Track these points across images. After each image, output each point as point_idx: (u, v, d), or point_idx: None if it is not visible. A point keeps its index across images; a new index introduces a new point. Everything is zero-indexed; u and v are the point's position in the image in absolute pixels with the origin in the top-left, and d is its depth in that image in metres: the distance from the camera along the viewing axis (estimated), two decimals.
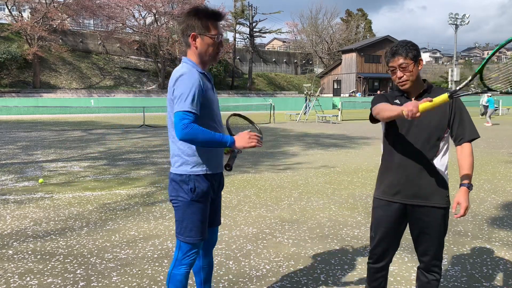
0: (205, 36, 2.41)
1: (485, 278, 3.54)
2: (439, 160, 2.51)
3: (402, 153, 2.53)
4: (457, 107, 2.49)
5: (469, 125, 2.51)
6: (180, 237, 2.55)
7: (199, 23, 2.40)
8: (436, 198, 2.49)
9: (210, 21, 2.41)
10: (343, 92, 54.22)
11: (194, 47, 2.44)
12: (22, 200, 6.16)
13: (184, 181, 2.47)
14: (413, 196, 2.51)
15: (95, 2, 41.00)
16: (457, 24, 53.48)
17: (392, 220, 2.59)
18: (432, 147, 2.48)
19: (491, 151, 11.22)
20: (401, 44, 2.48)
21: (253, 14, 53.91)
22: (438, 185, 2.49)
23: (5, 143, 13.40)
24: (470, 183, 2.45)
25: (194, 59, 2.47)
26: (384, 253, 2.67)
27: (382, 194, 2.61)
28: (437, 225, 2.51)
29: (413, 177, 2.50)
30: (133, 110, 31.44)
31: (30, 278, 3.55)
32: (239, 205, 5.86)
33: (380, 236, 2.64)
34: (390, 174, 2.59)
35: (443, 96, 2.17)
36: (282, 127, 20.35)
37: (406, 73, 2.46)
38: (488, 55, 2.13)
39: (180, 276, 2.56)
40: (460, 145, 2.51)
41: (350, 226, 4.93)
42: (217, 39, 2.44)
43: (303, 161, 9.71)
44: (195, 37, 2.42)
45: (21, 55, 38.11)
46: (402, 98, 2.56)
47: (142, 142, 13.73)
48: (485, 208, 5.69)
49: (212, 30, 2.42)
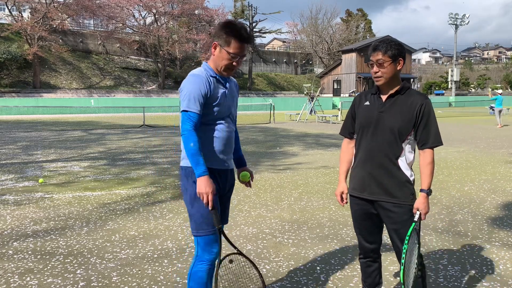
0: (223, 49, 2.53)
1: (485, 278, 3.54)
2: (403, 160, 2.57)
3: (367, 151, 2.62)
4: (425, 112, 2.53)
5: (434, 131, 2.54)
6: (194, 232, 2.57)
7: (224, 36, 2.51)
8: (400, 195, 2.57)
9: (234, 39, 2.50)
10: (343, 92, 54.21)
11: (213, 54, 2.59)
12: (22, 200, 6.16)
13: (189, 174, 2.56)
14: (378, 193, 2.60)
15: (95, 2, 41.01)
16: (457, 24, 53.49)
17: (365, 216, 2.71)
18: (395, 148, 2.55)
19: (491, 151, 11.22)
20: (385, 40, 2.54)
21: (253, 14, 53.94)
22: (402, 184, 2.57)
23: (5, 143, 13.41)
24: (429, 189, 2.55)
25: (211, 64, 2.61)
26: (370, 247, 2.78)
27: (352, 190, 2.73)
28: (404, 221, 2.58)
29: (376, 175, 2.59)
30: (133, 110, 31.45)
31: (30, 278, 3.55)
32: (239, 205, 5.87)
33: (360, 231, 2.78)
34: (357, 170, 2.70)
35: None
36: (282, 127, 20.35)
37: (382, 70, 2.52)
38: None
39: (201, 273, 2.57)
40: (423, 150, 2.57)
41: (350, 226, 4.93)
42: (233, 58, 2.54)
43: (303, 161, 9.71)
44: (215, 46, 2.56)
45: (21, 55, 38.12)
46: (373, 98, 2.65)
47: (142, 142, 13.73)
48: (485, 208, 5.69)
49: (232, 48, 2.51)
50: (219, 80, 2.60)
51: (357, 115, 2.70)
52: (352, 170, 2.76)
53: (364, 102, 2.68)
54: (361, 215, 2.72)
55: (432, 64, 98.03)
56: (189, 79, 2.52)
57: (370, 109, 2.62)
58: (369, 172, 2.61)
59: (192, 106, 2.46)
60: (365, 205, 2.68)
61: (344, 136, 2.83)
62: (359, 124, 2.67)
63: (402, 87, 2.59)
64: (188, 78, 2.53)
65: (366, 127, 2.62)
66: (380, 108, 2.58)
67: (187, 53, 46.99)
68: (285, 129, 19.18)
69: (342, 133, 2.84)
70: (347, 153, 2.80)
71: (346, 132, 2.81)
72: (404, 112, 2.52)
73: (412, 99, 2.54)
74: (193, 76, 2.52)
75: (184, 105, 2.46)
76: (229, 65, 2.55)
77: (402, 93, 2.58)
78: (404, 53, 2.55)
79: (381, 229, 2.77)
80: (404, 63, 2.55)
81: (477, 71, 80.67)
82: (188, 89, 2.48)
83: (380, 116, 2.57)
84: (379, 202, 2.61)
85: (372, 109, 2.61)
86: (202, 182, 2.42)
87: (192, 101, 2.46)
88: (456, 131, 17.57)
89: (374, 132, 2.59)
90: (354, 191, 2.70)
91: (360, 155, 2.67)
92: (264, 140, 14.35)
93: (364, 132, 2.63)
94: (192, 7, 45.23)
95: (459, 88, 58.34)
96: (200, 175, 2.42)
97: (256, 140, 14.44)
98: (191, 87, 2.48)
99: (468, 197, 6.28)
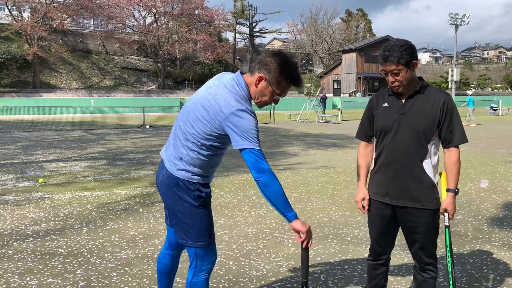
0: (270, 87, 2.34)
1: (485, 278, 3.54)
2: (428, 163, 2.49)
3: (390, 154, 2.52)
4: (449, 109, 2.45)
5: (458, 129, 2.47)
6: (193, 243, 2.44)
7: (276, 73, 2.31)
8: (424, 200, 2.49)
9: (285, 80, 2.34)
10: (343, 92, 54.22)
11: (256, 85, 2.36)
12: (22, 200, 6.16)
13: (188, 187, 2.38)
14: (401, 197, 2.51)
15: (95, 2, 41.00)
16: (457, 24, 53.43)
17: (383, 221, 2.63)
18: (420, 149, 2.46)
19: (491, 151, 11.22)
20: (394, 47, 2.38)
21: (253, 14, 53.97)
22: (426, 187, 2.49)
23: (5, 143, 13.40)
24: (456, 188, 2.52)
25: (250, 89, 2.38)
26: (382, 250, 2.72)
27: (373, 195, 2.64)
28: (425, 225, 2.51)
29: (400, 179, 2.50)
30: (133, 110, 31.44)
31: (30, 278, 3.54)
32: (239, 205, 5.86)
33: (374, 234, 2.70)
34: (379, 174, 2.61)
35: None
36: (282, 127, 20.34)
37: (398, 78, 2.41)
38: None
39: (202, 283, 2.50)
40: (448, 148, 2.50)
41: (350, 226, 4.93)
42: (275, 97, 2.38)
43: (303, 161, 9.71)
44: (262, 79, 2.34)
45: (21, 55, 38.09)
46: (391, 99, 2.56)
47: (142, 142, 13.73)
48: (485, 208, 5.69)
49: (279, 88, 2.34)
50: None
51: (376, 118, 2.59)
52: (372, 174, 2.66)
53: (382, 104, 2.57)
54: (379, 219, 2.63)
55: (432, 64, 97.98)
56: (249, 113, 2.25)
57: (390, 111, 2.52)
58: (392, 176, 2.52)
59: (258, 143, 2.25)
60: (385, 209, 2.59)
61: (361, 139, 2.72)
62: (379, 127, 2.56)
63: (421, 86, 2.49)
64: (247, 111, 2.25)
65: (387, 130, 2.51)
66: (401, 110, 2.48)
67: (187, 53, 46.99)
68: (285, 129, 19.17)
69: (358, 137, 2.73)
70: (366, 157, 2.69)
71: (363, 135, 2.71)
72: (427, 111, 2.43)
73: (433, 97, 2.46)
74: (250, 112, 2.27)
75: (255, 143, 2.22)
76: (267, 102, 2.40)
77: (421, 92, 2.48)
78: (416, 53, 2.43)
79: (396, 233, 2.69)
80: (418, 61, 2.45)
81: (477, 71, 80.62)
82: (250, 125, 2.23)
83: (402, 117, 2.47)
84: (401, 207, 2.53)
85: (392, 111, 2.51)
86: (300, 223, 2.31)
87: (257, 138, 2.26)
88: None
89: (396, 135, 2.48)
90: (376, 195, 2.61)
91: (382, 159, 2.57)
92: (264, 140, 14.35)
93: (386, 135, 2.52)
94: (192, 7, 45.23)
95: (459, 88, 58.28)
96: (296, 218, 2.31)
97: None
98: (253, 123, 2.24)
99: (468, 197, 6.28)
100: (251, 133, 2.22)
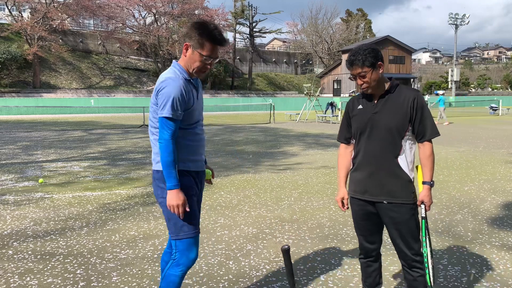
0: (195, 51, 2.46)
1: (485, 278, 3.54)
2: (403, 159, 2.60)
3: (366, 152, 2.65)
4: (419, 106, 2.57)
5: (430, 123, 2.59)
6: (174, 236, 2.51)
7: (197, 37, 2.44)
8: (401, 195, 2.59)
9: (208, 41, 2.44)
10: (343, 92, 54.20)
11: (184, 55, 2.52)
12: (22, 200, 6.16)
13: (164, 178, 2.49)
14: (379, 193, 2.62)
15: (95, 2, 41.00)
16: (457, 24, 53.45)
17: (366, 216, 2.73)
18: (394, 146, 2.58)
19: (491, 151, 11.22)
20: (358, 52, 2.54)
21: (253, 14, 53.93)
22: (402, 183, 2.59)
23: (5, 143, 13.41)
24: (432, 180, 2.62)
25: (183, 65, 2.54)
26: (371, 246, 2.80)
27: (353, 193, 2.75)
28: (405, 221, 2.60)
29: (377, 175, 2.61)
30: (133, 110, 31.44)
31: (30, 278, 3.55)
32: (239, 205, 5.87)
33: (360, 231, 2.80)
34: (357, 173, 2.72)
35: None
36: (282, 127, 20.35)
37: (365, 80, 2.56)
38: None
39: (175, 277, 2.52)
40: (422, 143, 2.62)
41: (350, 226, 4.93)
42: (205, 60, 2.47)
43: (303, 161, 9.71)
44: (187, 47, 2.49)
45: (21, 55, 38.09)
46: (365, 101, 2.69)
47: (142, 142, 13.73)
48: (485, 208, 5.69)
49: (205, 50, 2.45)
50: (191, 83, 2.55)
51: (352, 120, 2.73)
52: (351, 173, 2.78)
53: (357, 106, 2.72)
54: (361, 216, 2.74)
55: (432, 64, 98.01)
56: (169, 82, 2.41)
57: (364, 112, 2.66)
58: (369, 173, 2.63)
59: (174, 113, 2.38)
60: (366, 205, 2.70)
61: (341, 141, 2.85)
62: (355, 128, 2.70)
63: (391, 85, 2.63)
64: (167, 81, 2.42)
65: (362, 130, 2.65)
66: (374, 110, 2.62)
67: None
68: (285, 129, 19.18)
69: (339, 139, 2.87)
70: (345, 159, 2.82)
71: (342, 138, 2.84)
72: (398, 109, 2.56)
73: (403, 95, 2.59)
74: (172, 80, 2.41)
75: (166, 112, 2.38)
76: (202, 67, 2.50)
77: (392, 91, 2.62)
78: (381, 55, 2.57)
79: (381, 228, 2.79)
80: (383, 63, 2.58)
81: (477, 71, 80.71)
82: (169, 94, 2.38)
83: (375, 117, 2.61)
84: (380, 203, 2.63)
85: (366, 112, 2.65)
86: (174, 195, 2.39)
87: (174, 108, 2.38)
88: (456, 131, 17.57)
89: (371, 134, 2.61)
90: (356, 193, 2.72)
91: (359, 158, 2.69)
92: (264, 140, 14.36)
93: (362, 135, 2.66)
94: (192, 7, 45.23)
95: (459, 88, 58.31)
96: (171, 188, 2.40)
97: (256, 140, 14.45)
98: (173, 93, 2.38)
99: (468, 197, 6.28)
100: (168, 101, 2.38)
